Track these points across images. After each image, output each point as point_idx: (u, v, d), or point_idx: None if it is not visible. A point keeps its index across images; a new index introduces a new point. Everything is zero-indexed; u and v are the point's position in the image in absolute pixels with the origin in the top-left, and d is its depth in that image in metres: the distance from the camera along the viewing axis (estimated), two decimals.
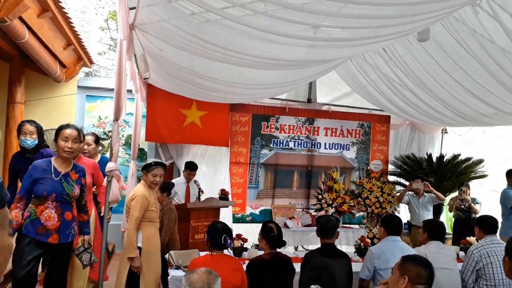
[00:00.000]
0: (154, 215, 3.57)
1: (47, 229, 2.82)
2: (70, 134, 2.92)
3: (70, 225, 2.94)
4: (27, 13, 3.67)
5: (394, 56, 4.17)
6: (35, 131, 3.59)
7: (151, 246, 3.46)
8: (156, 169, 3.56)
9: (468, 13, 3.22)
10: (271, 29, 2.26)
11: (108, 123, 6.58)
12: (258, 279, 2.81)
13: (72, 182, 2.96)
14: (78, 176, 3.02)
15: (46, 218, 2.81)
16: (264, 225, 3.10)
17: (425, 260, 2.20)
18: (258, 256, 3.02)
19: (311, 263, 2.83)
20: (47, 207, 2.83)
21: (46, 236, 2.83)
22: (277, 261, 2.91)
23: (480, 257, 3.22)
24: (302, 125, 6.62)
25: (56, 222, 2.85)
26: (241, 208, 6.31)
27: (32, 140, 3.55)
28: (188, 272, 1.83)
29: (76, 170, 3.03)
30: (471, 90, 4.12)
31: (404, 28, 2.71)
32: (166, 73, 4.34)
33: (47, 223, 2.82)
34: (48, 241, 2.83)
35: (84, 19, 6.71)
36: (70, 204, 2.97)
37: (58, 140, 2.92)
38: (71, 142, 2.91)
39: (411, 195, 5.73)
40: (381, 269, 3.10)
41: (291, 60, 2.79)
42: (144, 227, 3.47)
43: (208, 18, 2.25)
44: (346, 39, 2.60)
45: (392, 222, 3.27)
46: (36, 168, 2.88)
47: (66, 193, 2.90)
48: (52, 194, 2.83)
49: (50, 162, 2.95)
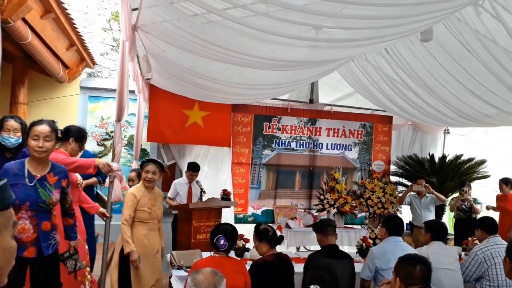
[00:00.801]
0: (145, 216, 3.44)
1: (22, 242, 2.42)
2: (41, 131, 2.52)
3: (49, 236, 2.56)
4: (30, 14, 3.68)
5: (396, 56, 4.17)
6: (20, 129, 3.15)
7: (139, 247, 3.36)
8: (147, 166, 3.49)
9: (471, 14, 3.21)
10: (272, 30, 2.26)
11: (111, 124, 6.60)
12: (261, 280, 2.81)
13: (50, 187, 2.56)
14: (57, 178, 2.62)
15: (19, 231, 2.42)
16: (257, 229, 3.10)
17: (417, 259, 2.17)
18: (261, 258, 3.02)
19: (314, 263, 2.84)
20: (20, 218, 2.43)
21: (21, 249, 2.39)
22: (280, 262, 2.91)
23: (484, 258, 3.22)
24: (304, 125, 6.62)
25: (32, 234, 2.47)
26: (243, 208, 6.32)
27: (16, 139, 3.12)
28: (193, 272, 1.83)
29: (55, 172, 2.62)
30: (474, 91, 4.11)
31: (406, 29, 2.71)
32: (169, 74, 4.35)
33: (21, 236, 2.42)
34: (23, 255, 2.43)
35: (86, 20, 6.73)
36: (48, 212, 2.56)
37: (29, 139, 2.53)
38: (43, 140, 2.50)
39: (413, 196, 5.72)
40: (382, 269, 3.10)
41: (293, 61, 2.79)
42: (133, 226, 3.42)
43: (210, 19, 2.26)
44: (348, 39, 2.60)
45: (393, 222, 3.27)
46: (7, 172, 2.46)
47: (42, 200, 2.50)
48: (25, 202, 2.44)
49: (23, 165, 2.53)
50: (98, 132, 6.62)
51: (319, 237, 3.15)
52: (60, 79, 5.56)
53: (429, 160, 6.47)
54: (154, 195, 3.59)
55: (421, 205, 5.64)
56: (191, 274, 1.83)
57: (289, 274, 2.93)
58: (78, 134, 3.43)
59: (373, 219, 6.19)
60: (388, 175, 6.86)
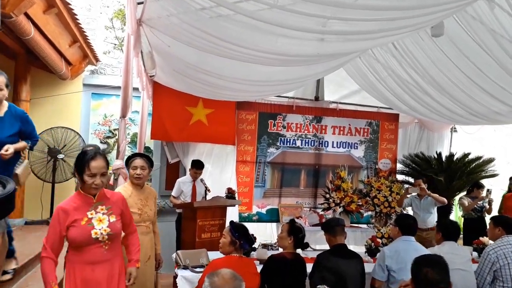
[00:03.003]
0: (134, 218, 2.85)
1: None
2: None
3: None
4: (33, 9, 3.62)
5: (405, 53, 4.08)
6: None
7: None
8: (134, 161, 3.14)
9: (484, 8, 3.13)
10: (285, 23, 2.18)
11: (114, 121, 6.54)
12: (275, 276, 2.74)
13: None
14: None
15: None
16: (292, 224, 3.04)
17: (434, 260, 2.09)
18: (280, 253, 2.97)
19: (323, 263, 2.76)
20: None
21: None
22: (297, 262, 2.85)
23: (497, 258, 3.14)
24: (309, 123, 6.53)
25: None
26: (248, 207, 6.24)
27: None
28: (211, 274, 1.73)
29: None
30: (485, 88, 4.02)
31: (418, 21, 2.62)
32: (173, 70, 4.28)
33: None
34: None
35: (89, 16, 6.66)
36: None
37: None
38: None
39: (413, 197, 5.56)
40: (393, 269, 3.03)
41: (303, 55, 2.71)
42: None
43: (219, 13, 2.17)
44: (358, 32, 2.52)
45: (407, 222, 3.19)
46: None
47: None
48: None
49: None
50: (101, 130, 6.56)
51: (328, 236, 3.07)
52: (63, 76, 5.50)
53: (437, 159, 6.37)
54: (145, 195, 3.21)
55: (420, 206, 5.44)
56: (209, 276, 1.74)
57: (302, 278, 2.86)
58: None
59: (380, 218, 6.11)
60: (394, 173, 6.78)
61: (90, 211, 2.26)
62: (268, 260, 2.93)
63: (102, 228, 2.25)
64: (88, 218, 2.24)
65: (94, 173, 2.21)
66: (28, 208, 5.61)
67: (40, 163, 5.78)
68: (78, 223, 2.21)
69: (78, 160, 2.26)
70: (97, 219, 2.26)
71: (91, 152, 2.27)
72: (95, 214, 2.26)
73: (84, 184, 2.24)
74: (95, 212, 2.27)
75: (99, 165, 2.23)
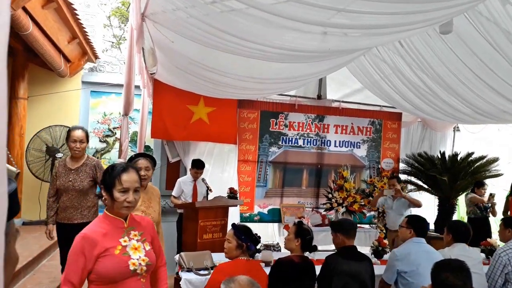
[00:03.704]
0: None
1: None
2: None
3: None
4: (31, 3, 3.52)
5: (411, 50, 4.00)
6: None
7: None
8: (138, 161, 3.04)
9: (495, 4, 3.05)
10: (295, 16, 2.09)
11: (113, 120, 6.43)
12: (283, 280, 2.65)
13: None
14: None
15: None
16: (300, 225, 2.95)
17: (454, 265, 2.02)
18: (287, 256, 2.87)
19: (338, 268, 2.67)
20: None
21: None
22: (305, 266, 2.76)
23: (509, 260, 3.07)
24: (311, 122, 6.45)
25: None
26: (249, 207, 6.16)
27: None
28: (228, 281, 1.65)
29: None
30: (493, 86, 3.95)
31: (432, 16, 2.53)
32: (175, 67, 4.18)
33: None
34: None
35: (88, 13, 6.55)
36: None
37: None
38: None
39: (388, 197, 5.31)
40: (405, 272, 2.95)
41: (314, 51, 2.63)
42: None
43: (231, 7, 2.07)
44: (372, 26, 2.44)
45: (421, 223, 3.11)
46: None
47: None
48: None
49: None
50: (100, 129, 6.45)
51: (341, 237, 2.95)
52: (62, 73, 5.39)
53: (440, 158, 6.30)
54: (148, 195, 3.11)
55: (392, 207, 5.20)
56: (226, 283, 1.65)
57: (311, 282, 2.77)
58: None
59: (382, 218, 6.04)
60: (397, 173, 6.71)
61: (123, 237, 1.86)
62: (275, 264, 2.84)
63: (140, 258, 1.86)
64: (122, 246, 1.84)
65: (127, 188, 1.83)
66: (26, 208, 5.51)
67: (38, 162, 5.67)
68: (110, 253, 1.80)
69: (106, 175, 1.89)
70: (132, 247, 1.86)
71: (122, 165, 1.94)
72: (128, 242, 1.87)
73: (114, 203, 1.84)
74: (128, 239, 1.87)
75: (132, 178, 1.86)
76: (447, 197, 6.17)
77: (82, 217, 3.53)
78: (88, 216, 3.55)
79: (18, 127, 5.47)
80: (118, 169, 1.87)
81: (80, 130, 3.55)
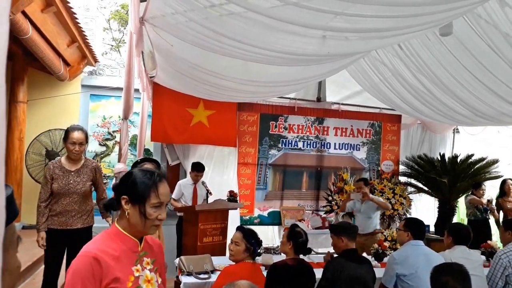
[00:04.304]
0: None
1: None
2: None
3: None
4: (31, 7, 3.52)
5: (410, 52, 4.00)
6: None
7: None
8: (143, 166, 3.00)
9: (494, 7, 3.06)
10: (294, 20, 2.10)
11: (113, 123, 6.42)
12: (278, 284, 2.65)
13: None
14: None
15: None
16: (292, 228, 2.94)
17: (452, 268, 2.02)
18: (282, 260, 2.86)
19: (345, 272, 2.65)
20: None
21: None
22: (301, 268, 2.74)
23: (509, 262, 3.07)
24: (311, 124, 6.45)
25: None
26: (249, 210, 6.15)
27: None
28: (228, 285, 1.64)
29: None
30: (493, 88, 3.95)
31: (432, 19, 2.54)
32: (175, 71, 4.19)
33: None
34: None
35: (88, 16, 6.55)
36: None
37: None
38: None
39: (356, 200, 5.13)
40: (404, 275, 2.94)
41: (313, 54, 2.63)
42: None
43: (230, 11, 2.08)
44: (371, 29, 2.44)
45: (419, 226, 3.10)
46: None
47: None
48: None
49: None
50: (100, 132, 6.44)
51: (345, 240, 2.92)
52: (61, 76, 5.39)
53: (440, 160, 6.31)
54: None
55: (361, 210, 5.02)
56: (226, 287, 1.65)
57: (309, 285, 2.76)
58: None
59: (382, 221, 6.04)
60: (397, 175, 6.72)
61: (135, 265, 1.47)
62: (271, 268, 2.82)
63: None
64: (135, 278, 1.45)
65: (162, 202, 1.48)
66: (25, 212, 5.49)
67: (37, 166, 5.66)
68: (122, 285, 1.41)
69: (137, 183, 1.47)
70: (145, 279, 1.48)
71: (158, 172, 1.53)
72: (141, 271, 1.48)
73: (143, 221, 1.45)
74: (141, 268, 1.48)
75: (168, 191, 1.52)
76: (447, 199, 6.17)
77: (83, 222, 3.37)
78: (88, 221, 3.41)
79: (18, 131, 5.46)
80: (155, 178, 1.48)
81: (79, 131, 3.30)
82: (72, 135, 3.28)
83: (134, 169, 1.58)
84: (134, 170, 1.54)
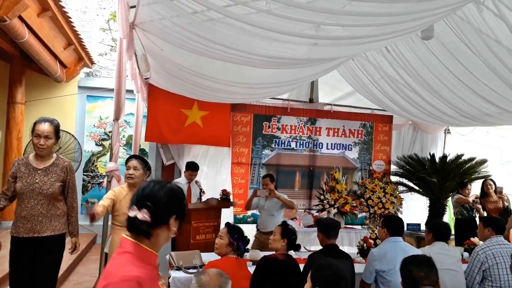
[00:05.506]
0: None
1: None
2: None
3: None
4: (27, 12, 3.65)
5: (397, 55, 4.13)
6: None
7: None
8: (129, 162, 3.24)
9: (473, 11, 3.18)
10: (274, 28, 2.22)
11: (109, 124, 6.55)
12: (268, 277, 2.77)
13: None
14: None
15: None
16: (286, 226, 3.07)
17: (420, 260, 2.13)
18: (272, 254, 2.99)
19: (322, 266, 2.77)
20: None
21: None
22: (290, 264, 2.86)
23: (486, 258, 3.18)
24: (304, 125, 6.58)
25: None
26: (243, 209, 6.25)
27: None
28: (198, 273, 1.78)
29: None
30: (475, 89, 4.07)
31: (408, 26, 2.67)
32: (167, 73, 4.31)
33: None
34: None
35: (84, 19, 6.68)
36: None
37: None
38: None
39: (261, 197, 5.00)
40: (383, 271, 3.05)
41: (294, 58, 2.75)
42: (114, 232, 3.22)
43: (210, 17, 2.21)
44: (349, 37, 2.57)
45: (394, 222, 3.22)
46: None
47: None
48: None
49: None
50: (97, 132, 6.58)
51: (321, 236, 3.09)
52: (58, 78, 5.52)
53: (430, 160, 6.42)
54: None
55: (264, 207, 4.94)
56: (196, 275, 1.79)
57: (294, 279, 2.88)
58: None
59: (374, 219, 6.15)
60: (388, 175, 6.82)
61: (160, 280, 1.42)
62: (260, 261, 2.95)
63: None
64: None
65: None
66: None
67: None
68: None
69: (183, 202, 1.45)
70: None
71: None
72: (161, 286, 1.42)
73: (176, 236, 1.47)
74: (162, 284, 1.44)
75: None
76: (437, 198, 6.28)
77: (53, 229, 2.89)
78: (59, 228, 2.93)
79: (16, 131, 5.59)
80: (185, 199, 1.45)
81: (46, 123, 2.83)
82: (37, 127, 2.84)
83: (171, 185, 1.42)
84: (172, 186, 1.41)
